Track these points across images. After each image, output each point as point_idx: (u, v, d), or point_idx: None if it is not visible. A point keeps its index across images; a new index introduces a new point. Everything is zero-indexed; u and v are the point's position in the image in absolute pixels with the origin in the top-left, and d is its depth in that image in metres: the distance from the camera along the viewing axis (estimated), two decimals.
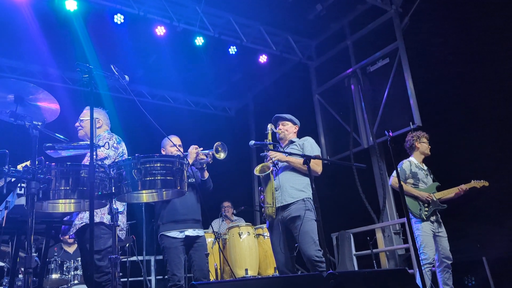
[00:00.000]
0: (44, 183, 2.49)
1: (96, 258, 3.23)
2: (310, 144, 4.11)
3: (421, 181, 4.80)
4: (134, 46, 7.28)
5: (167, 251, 4.04)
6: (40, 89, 2.72)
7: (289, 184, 3.88)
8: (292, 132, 4.31)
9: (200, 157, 4.27)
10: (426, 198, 4.63)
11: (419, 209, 4.63)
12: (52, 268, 5.17)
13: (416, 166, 4.87)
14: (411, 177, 4.81)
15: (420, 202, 4.66)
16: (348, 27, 7.98)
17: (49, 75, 8.08)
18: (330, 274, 2.55)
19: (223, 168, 4.61)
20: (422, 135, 5.00)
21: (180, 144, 4.41)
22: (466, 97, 6.21)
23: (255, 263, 5.61)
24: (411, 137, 5.03)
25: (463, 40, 6.18)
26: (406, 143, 5.09)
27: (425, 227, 4.56)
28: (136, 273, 6.48)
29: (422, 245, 4.49)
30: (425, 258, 4.43)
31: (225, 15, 7.44)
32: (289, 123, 4.32)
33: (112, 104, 7.94)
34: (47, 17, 6.45)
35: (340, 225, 6.98)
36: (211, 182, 4.44)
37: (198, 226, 4.22)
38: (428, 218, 4.59)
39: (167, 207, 4.16)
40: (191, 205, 4.19)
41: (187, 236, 4.10)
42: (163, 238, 4.09)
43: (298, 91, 8.71)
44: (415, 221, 4.62)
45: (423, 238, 4.52)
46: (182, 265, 4.02)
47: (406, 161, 4.93)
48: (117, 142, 3.61)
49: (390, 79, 7.08)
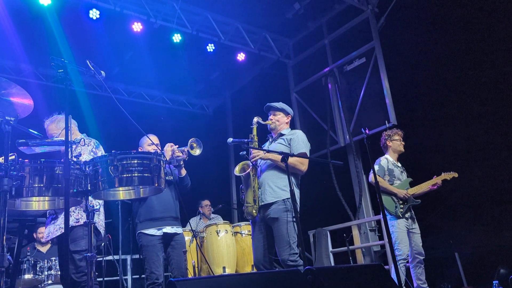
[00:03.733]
0: (17, 180, 2.43)
1: (78, 258, 3.19)
2: (298, 140, 3.87)
3: (396, 178, 4.88)
4: (110, 43, 7.15)
5: (145, 249, 3.99)
6: (12, 83, 2.65)
7: (270, 183, 3.75)
8: (283, 122, 4.07)
9: (176, 154, 4.22)
10: (404, 195, 4.70)
11: (395, 206, 4.70)
12: (25, 268, 5.06)
13: (392, 164, 4.95)
14: (388, 174, 4.88)
15: (395, 200, 4.73)
16: (326, 26, 8.05)
17: (21, 71, 7.87)
18: (308, 269, 2.57)
19: (201, 167, 4.58)
20: (394, 133, 5.06)
21: (158, 143, 4.36)
22: (440, 96, 6.36)
23: (233, 261, 5.60)
24: (383, 136, 5.11)
25: (438, 40, 6.32)
26: (380, 142, 5.17)
27: (400, 224, 4.64)
28: (112, 272, 6.39)
29: (397, 241, 4.57)
30: (400, 254, 4.51)
31: (203, 12, 7.40)
32: (280, 113, 4.07)
33: (87, 101, 7.82)
34: (20, 11, 6.30)
35: (317, 222, 7.04)
36: (189, 179, 4.41)
37: (176, 223, 4.19)
38: (403, 215, 4.67)
39: (144, 205, 4.12)
40: (168, 203, 4.16)
41: (165, 234, 4.06)
42: (141, 236, 4.04)
43: (275, 90, 8.74)
44: (390, 217, 4.69)
45: (398, 235, 4.59)
46: (160, 263, 3.99)
47: (383, 158, 4.99)
48: (95, 146, 3.56)
49: (366, 78, 7.18)
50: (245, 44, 8.00)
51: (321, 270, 2.60)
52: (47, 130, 3.61)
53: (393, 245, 4.55)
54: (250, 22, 7.90)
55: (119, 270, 6.04)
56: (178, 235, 4.17)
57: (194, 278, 4.12)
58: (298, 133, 3.97)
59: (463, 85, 6.11)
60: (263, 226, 3.76)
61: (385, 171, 4.87)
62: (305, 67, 8.42)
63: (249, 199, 3.74)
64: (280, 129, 4.05)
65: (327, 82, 7.85)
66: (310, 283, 2.48)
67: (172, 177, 4.17)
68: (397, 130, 5.11)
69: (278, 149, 3.78)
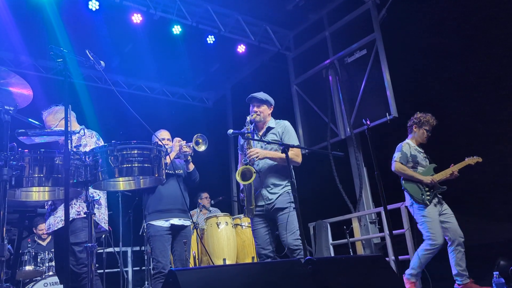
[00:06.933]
0: (16, 170, 2.42)
1: (78, 250, 3.19)
2: (290, 133, 3.83)
3: (420, 164, 4.64)
4: (109, 34, 7.10)
5: (152, 239, 4.03)
6: (12, 73, 2.63)
7: (273, 180, 3.72)
8: (267, 114, 3.93)
9: (184, 149, 4.28)
10: (430, 181, 4.47)
11: (421, 194, 4.47)
12: (25, 260, 5.06)
13: (415, 149, 4.70)
14: (411, 160, 4.62)
15: (421, 187, 4.50)
16: (326, 18, 8.00)
17: (21, 63, 7.84)
18: (308, 259, 2.57)
19: (200, 159, 4.57)
20: (426, 121, 4.72)
21: (169, 138, 4.43)
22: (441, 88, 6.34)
23: (233, 253, 5.62)
24: (413, 119, 4.80)
25: (439, 32, 6.28)
26: (409, 121, 4.87)
27: (431, 213, 4.39)
28: (113, 264, 6.41)
29: (430, 231, 4.33)
30: (433, 244, 4.29)
31: (203, 4, 7.34)
32: (264, 105, 3.91)
33: (87, 93, 7.79)
34: (19, 2, 6.25)
35: (317, 214, 7.05)
36: (197, 173, 4.46)
37: (184, 215, 4.22)
38: (431, 202, 4.43)
39: (153, 197, 4.17)
40: (177, 195, 4.18)
41: (173, 225, 4.11)
42: (149, 227, 4.10)
43: (276, 82, 8.71)
44: (418, 207, 4.46)
45: (431, 225, 4.35)
46: (167, 253, 4.01)
47: (405, 144, 4.72)
48: (98, 138, 3.56)
49: (367, 71, 7.14)
50: (245, 36, 7.95)
51: (322, 261, 2.60)
52: (45, 122, 3.60)
53: (424, 237, 4.39)
54: (251, 14, 7.84)
55: (120, 262, 6.06)
56: (185, 227, 4.22)
57: (195, 268, 4.13)
58: (287, 126, 3.89)
59: (464, 77, 6.09)
60: (264, 219, 3.75)
61: (408, 157, 4.61)
62: (306, 59, 8.38)
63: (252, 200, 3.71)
64: (265, 121, 3.93)
65: (328, 74, 7.81)
66: (311, 273, 2.48)
67: (182, 171, 4.27)
68: (431, 118, 4.75)
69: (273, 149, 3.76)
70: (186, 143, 4.29)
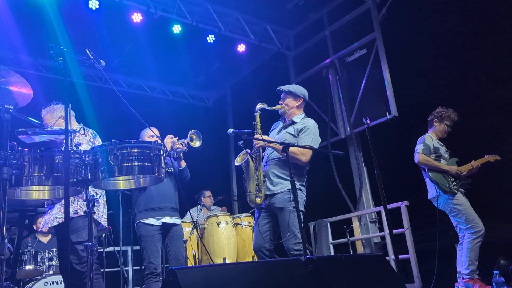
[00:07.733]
0: (16, 168, 2.42)
1: (80, 249, 3.18)
2: (308, 133, 3.75)
3: (442, 157, 4.63)
4: (109, 33, 7.09)
5: (144, 239, 4.00)
6: (11, 72, 2.63)
7: (276, 172, 3.72)
8: (293, 106, 3.87)
9: (176, 146, 4.23)
10: (456, 172, 4.46)
11: (448, 183, 4.44)
12: (26, 259, 5.06)
13: (437, 142, 4.70)
14: (434, 152, 4.60)
15: (447, 177, 4.47)
16: (327, 17, 8.00)
17: (21, 62, 7.83)
18: (308, 258, 2.57)
19: (201, 158, 4.57)
20: (447, 117, 4.73)
21: (158, 135, 4.36)
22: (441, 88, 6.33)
23: (233, 252, 5.62)
24: (434, 113, 4.80)
25: (440, 31, 6.28)
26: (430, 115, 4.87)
27: (462, 199, 4.35)
28: (113, 263, 6.41)
29: (469, 218, 4.27)
30: (477, 231, 4.23)
31: (203, 3, 7.34)
32: (289, 97, 3.86)
33: (86, 92, 7.79)
34: (19, 1, 6.24)
35: (317, 214, 7.04)
36: (188, 171, 4.42)
37: (175, 214, 4.20)
38: (458, 190, 4.42)
39: (144, 195, 4.13)
40: (168, 194, 4.16)
41: (164, 223, 4.07)
42: (140, 226, 4.05)
43: (276, 81, 8.67)
44: (447, 198, 4.42)
45: (467, 211, 4.29)
46: (158, 253, 3.99)
47: (427, 136, 4.71)
48: (93, 136, 3.55)
49: (367, 70, 7.14)
50: (245, 35, 7.95)
51: (322, 259, 2.60)
52: (43, 120, 3.60)
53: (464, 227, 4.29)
54: (251, 13, 7.84)
55: (120, 261, 6.06)
56: (176, 226, 4.18)
57: (194, 267, 4.12)
58: (308, 124, 3.81)
59: (464, 77, 6.08)
60: (269, 213, 3.75)
61: (431, 149, 4.59)
62: (306, 59, 8.37)
63: (251, 187, 3.72)
64: (291, 113, 3.89)
65: (328, 73, 7.81)
66: (311, 272, 2.48)
67: (172, 169, 4.18)
68: (452, 113, 4.76)
69: (284, 139, 3.74)
70: (179, 140, 4.25)
